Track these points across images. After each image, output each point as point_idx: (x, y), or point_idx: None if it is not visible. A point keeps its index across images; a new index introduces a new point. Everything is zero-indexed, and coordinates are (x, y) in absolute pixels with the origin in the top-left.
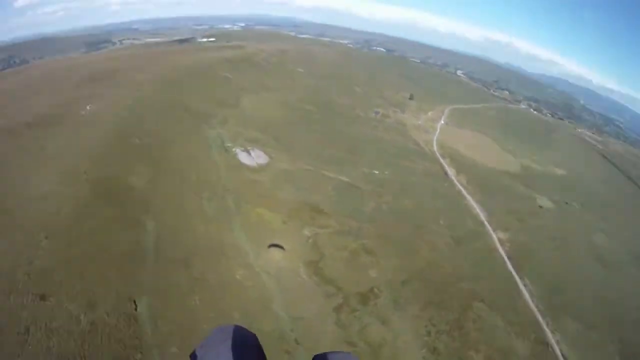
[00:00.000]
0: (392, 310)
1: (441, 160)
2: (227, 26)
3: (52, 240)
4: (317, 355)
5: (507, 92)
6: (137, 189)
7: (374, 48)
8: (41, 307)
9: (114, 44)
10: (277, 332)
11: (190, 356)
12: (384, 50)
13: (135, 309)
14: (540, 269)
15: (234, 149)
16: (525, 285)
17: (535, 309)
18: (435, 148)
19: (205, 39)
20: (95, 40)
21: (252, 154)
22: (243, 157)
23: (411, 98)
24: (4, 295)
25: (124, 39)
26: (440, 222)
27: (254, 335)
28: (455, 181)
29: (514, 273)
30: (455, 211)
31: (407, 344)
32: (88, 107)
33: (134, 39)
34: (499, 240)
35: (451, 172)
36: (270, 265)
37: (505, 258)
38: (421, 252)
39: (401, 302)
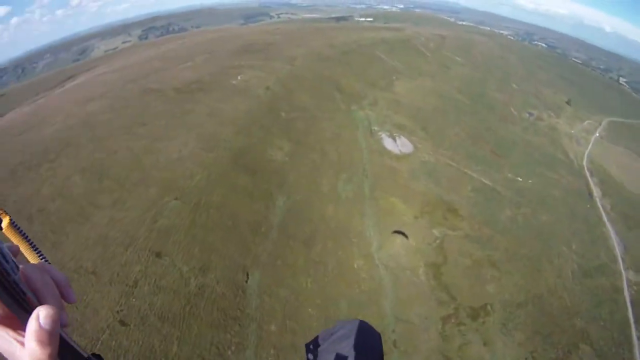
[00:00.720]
0: (499, 333)
1: (589, 177)
2: (385, 7)
3: (181, 202)
4: None
5: None
6: (276, 163)
7: (535, 42)
8: (154, 263)
9: (271, 17)
10: (378, 330)
11: (312, 343)
12: (545, 45)
13: (246, 281)
14: None
15: (380, 133)
16: (638, 339)
17: None
18: (585, 163)
19: (362, 19)
20: (253, 13)
21: (398, 141)
22: (388, 143)
23: (568, 103)
24: (122, 247)
25: (281, 13)
26: (573, 246)
27: (379, 334)
28: (599, 204)
29: (631, 322)
30: (591, 238)
31: None
32: (239, 77)
33: (291, 13)
34: (628, 281)
35: (597, 193)
36: (390, 260)
37: (629, 303)
38: (545, 276)
39: (510, 326)
